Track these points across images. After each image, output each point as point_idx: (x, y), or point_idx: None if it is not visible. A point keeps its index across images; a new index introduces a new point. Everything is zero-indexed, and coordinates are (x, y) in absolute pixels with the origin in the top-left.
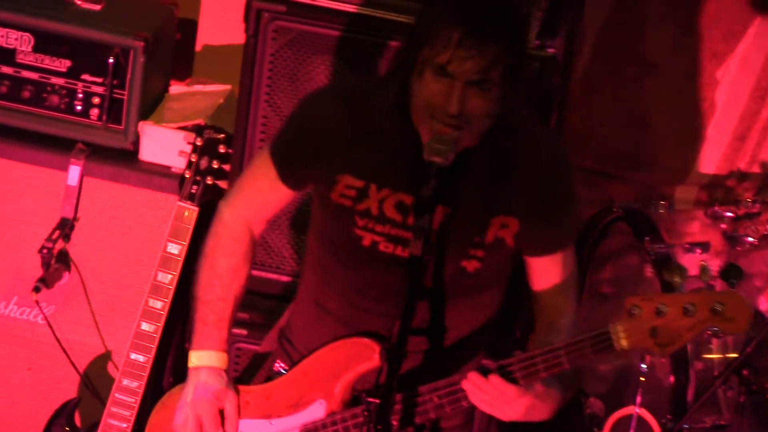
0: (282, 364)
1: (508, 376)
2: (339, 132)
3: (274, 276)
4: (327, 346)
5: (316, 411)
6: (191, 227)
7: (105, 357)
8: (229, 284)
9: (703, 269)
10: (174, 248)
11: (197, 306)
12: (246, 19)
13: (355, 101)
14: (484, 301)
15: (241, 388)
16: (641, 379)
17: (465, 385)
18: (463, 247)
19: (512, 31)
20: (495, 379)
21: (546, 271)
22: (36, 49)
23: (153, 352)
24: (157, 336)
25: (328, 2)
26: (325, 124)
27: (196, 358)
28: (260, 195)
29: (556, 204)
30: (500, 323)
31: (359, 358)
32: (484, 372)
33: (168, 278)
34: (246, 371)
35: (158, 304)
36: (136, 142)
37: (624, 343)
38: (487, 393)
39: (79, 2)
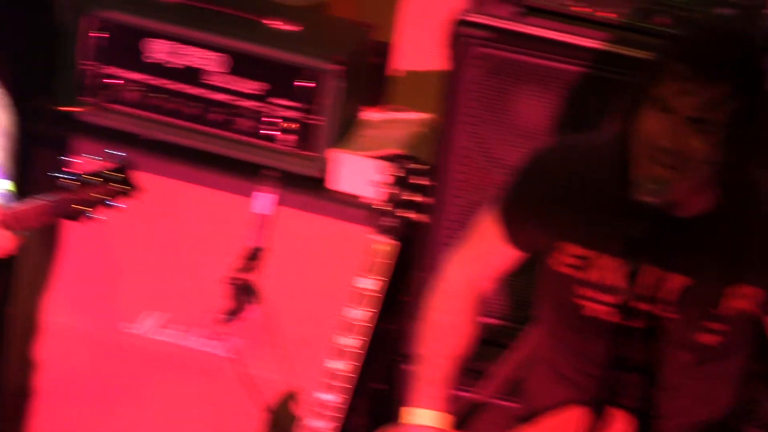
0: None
1: None
2: (564, 196)
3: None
4: (565, 411)
5: None
6: (387, 262)
7: (291, 395)
8: (452, 342)
9: None
10: (368, 284)
11: (417, 363)
12: (449, 45)
13: (580, 163)
14: (726, 369)
15: None
16: None
17: None
18: (699, 320)
19: (744, 74)
20: None
21: None
22: (228, 70)
23: (344, 392)
24: (350, 375)
25: (538, 30)
26: (551, 187)
27: (415, 417)
28: (486, 254)
29: None
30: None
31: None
32: None
33: (362, 315)
34: (462, 418)
35: (351, 342)
36: (329, 170)
37: None
38: None
39: (275, 23)
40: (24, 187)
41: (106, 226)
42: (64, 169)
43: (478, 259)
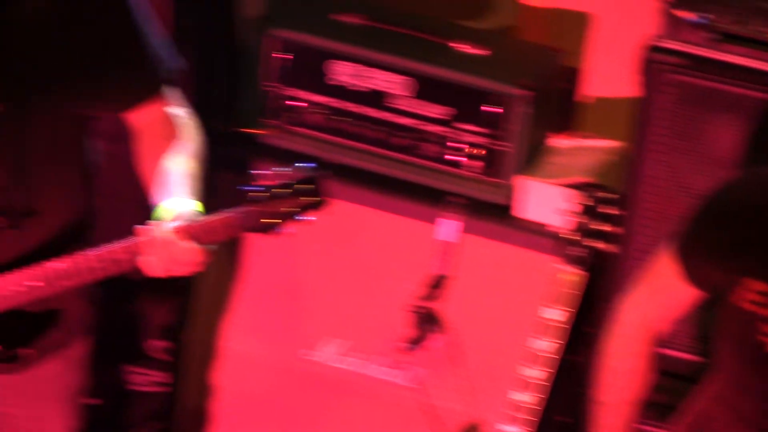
0: None
1: None
2: (748, 230)
3: (673, 353)
4: None
5: None
6: (576, 293)
7: (474, 427)
8: (629, 387)
9: None
10: (554, 314)
11: (596, 408)
12: (640, 71)
13: (766, 196)
14: None
15: None
16: None
17: None
18: None
19: None
20: None
21: None
22: (413, 94)
23: (529, 425)
24: (534, 408)
25: (733, 57)
26: (736, 221)
27: None
28: (662, 294)
29: None
30: None
31: None
32: None
33: (547, 346)
34: None
35: (536, 374)
36: (515, 198)
37: None
38: None
39: (462, 47)
40: (206, 210)
41: (286, 252)
42: (252, 182)
43: (654, 299)
